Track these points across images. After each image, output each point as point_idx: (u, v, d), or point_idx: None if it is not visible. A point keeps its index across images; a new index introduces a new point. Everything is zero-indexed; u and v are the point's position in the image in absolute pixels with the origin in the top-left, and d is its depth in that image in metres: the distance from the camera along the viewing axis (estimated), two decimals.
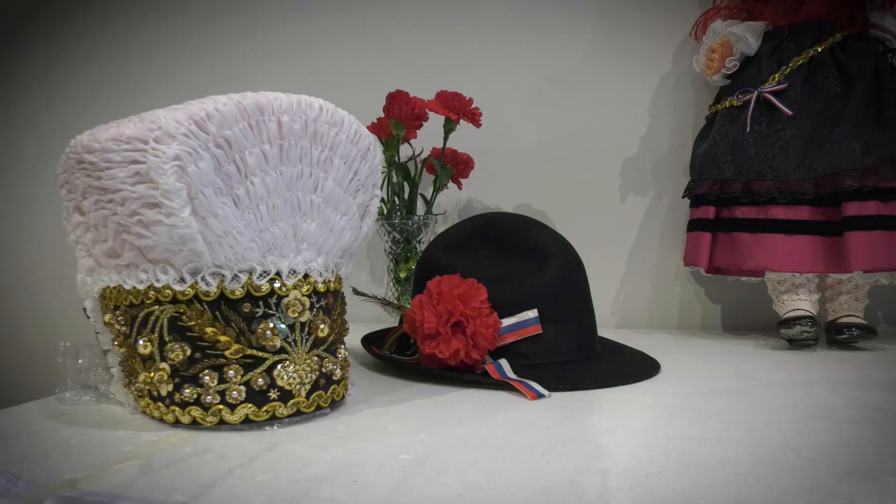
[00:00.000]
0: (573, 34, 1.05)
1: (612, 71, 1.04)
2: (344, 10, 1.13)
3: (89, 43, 1.32)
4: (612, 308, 1.06)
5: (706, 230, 0.86)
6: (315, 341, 0.50)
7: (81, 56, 1.33)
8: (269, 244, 0.47)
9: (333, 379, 0.51)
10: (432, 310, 0.61)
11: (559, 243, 0.70)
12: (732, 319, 1.02)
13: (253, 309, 0.47)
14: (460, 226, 0.74)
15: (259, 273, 0.46)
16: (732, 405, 0.54)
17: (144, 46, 1.26)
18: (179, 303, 0.46)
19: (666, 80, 1.02)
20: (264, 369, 0.47)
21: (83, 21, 1.33)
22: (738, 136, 0.83)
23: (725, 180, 0.83)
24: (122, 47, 1.30)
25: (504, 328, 0.63)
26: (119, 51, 1.30)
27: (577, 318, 0.68)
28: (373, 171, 0.55)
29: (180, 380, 0.47)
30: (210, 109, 0.43)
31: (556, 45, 1.05)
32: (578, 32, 1.04)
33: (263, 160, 0.46)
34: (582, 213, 1.05)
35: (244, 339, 0.47)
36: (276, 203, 0.47)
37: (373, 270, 1.11)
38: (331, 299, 0.52)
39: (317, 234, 0.50)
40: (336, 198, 0.50)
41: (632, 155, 1.04)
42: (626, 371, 0.65)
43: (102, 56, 1.32)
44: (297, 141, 0.47)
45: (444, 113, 0.86)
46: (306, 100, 0.48)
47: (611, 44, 1.03)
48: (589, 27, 1.04)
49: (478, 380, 0.60)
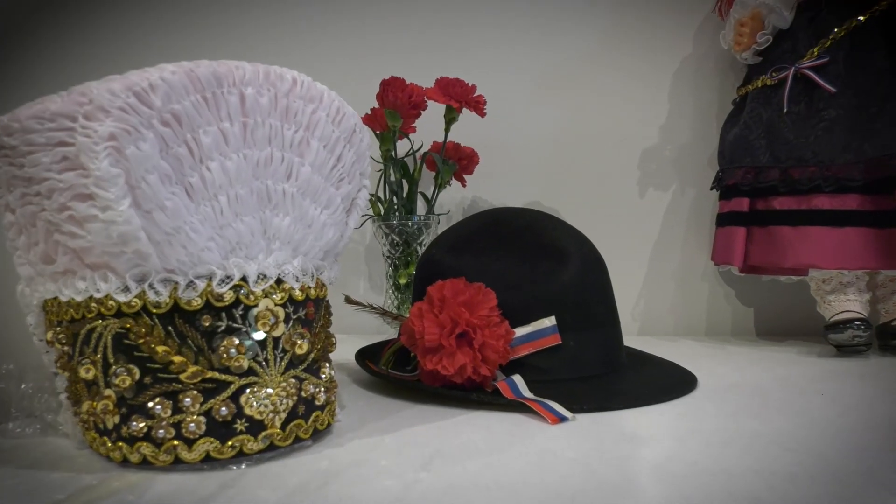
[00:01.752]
0: (585, 14, 0.97)
1: (628, 54, 0.96)
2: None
3: (78, 37, 1.24)
4: (632, 313, 0.97)
5: (740, 224, 0.78)
6: (292, 360, 0.41)
7: (71, 53, 1.26)
8: (231, 243, 0.39)
9: (316, 404, 0.43)
10: (433, 319, 0.53)
11: (577, 240, 0.61)
12: (767, 324, 0.93)
13: (214, 322, 0.39)
14: (465, 223, 0.66)
15: (220, 278, 0.38)
16: (793, 427, 0.45)
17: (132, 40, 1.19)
18: (125, 316, 0.38)
19: (687, 62, 0.94)
20: (228, 395, 0.39)
21: (76, 18, 1.26)
22: (773, 118, 0.74)
23: (760, 168, 0.75)
24: (114, 44, 1.22)
25: (517, 339, 0.55)
26: (112, 47, 1.22)
27: (600, 325, 0.59)
28: (360, 158, 0.47)
29: (127, 410, 0.39)
30: (154, 79, 0.35)
31: (567, 28, 0.97)
32: (590, 12, 0.96)
33: (222, 141, 0.38)
34: (598, 211, 0.96)
35: (203, 360, 0.38)
36: (239, 193, 0.39)
37: (371, 277, 1.03)
38: (311, 309, 0.44)
39: (291, 230, 0.41)
40: (314, 187, 0.42)
41: (651, 145, 0.97)
42: (659, 386, 0.57)
43: (94, 53, 1.25)
44: (265, 118, 0.39)
45: (444, 101, 0.78)
46: (276, 70, 0.40)
47: (626, 24, 0.95)
48: (602, 6, 0.96)
49: (488, 400, 0.51)
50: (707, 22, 0.92)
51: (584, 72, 0.97)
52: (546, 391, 0.52)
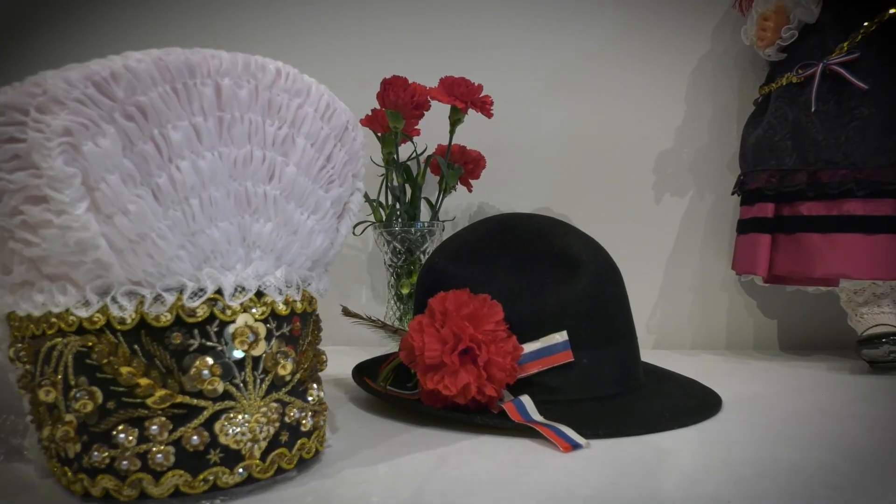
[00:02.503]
0: (596, 11, 0.93)
1: (642, 53, 0.92)
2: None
3: (77, 37, 1.22)
4: (648, 326, 0.92)
5: (764, 231, 0.73)
6: (274, 382, 0.37)
7: (70, 53, 1.24)
8: (205, 252, 0.35)
9: (301, 431, 0.39)
10: (434, 334, 0.49)
11: (591, 248, 0.57)
12: (792, 337, 0.88)
13: (185, 340, 0.34)
14: (470, 230, 0.61)
15: (192, 291, 0.34)
16: (834, 458, 0.41)
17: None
18: (87, 333, 0.34)
19: (704, 61, 0.90)
20: (201, 423, 0.35)
21: (74, 18, 1.24)
22: (800, 117, 0.70)
23: (786, 171, 0.70)
24: (110, 45, 1.20)
25: (525, 356, 0.51)
26: (107, 48, 1.20)
27: (616, 340, 0.55)
28: (352, 158, 0.43)
29: (89, 438, 0.35)
30: (116, 67, 0.31)
31: (577, 25, 0.93)
32: (602, 9, 0.92)
33: (194, 137, 0.34)
34: (611, 217, 0.92)
35: (173, 382, 0.34)
36: (213, 196, 0.34)
37: (374, 286, 0.99)
38: (297, 324, 0.39)
39: (274, 237, 0.37)
40: (300, 190, 0.38)
41: (667, 148, 0.92)
42: (681, 408, 0.52)
43: (91, 54, 1.22)
44: (244, 113, 0.35)
45: (448, 101, 0.73)
46: (257, 60, 0.36)
47: (640, 22, 0.91)
48: (614, 4, 0.92)
49: (494, 424, 0.47)
50: (726, 18, 0.88)
51: (595, 71, 0.93)
52: (557, 413, 0.48)
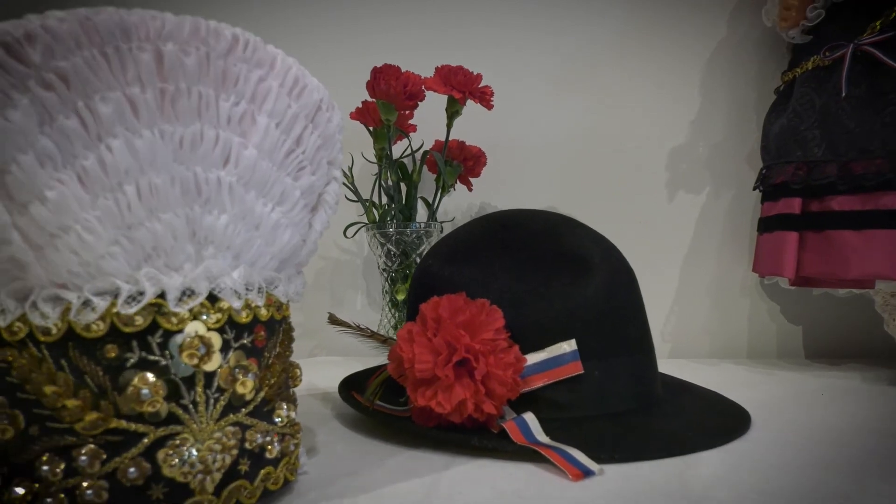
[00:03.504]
0: (604, 0, 0.87)
1: (652, 42, 0.87)
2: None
3: None
4: (662, 333, 0.86)
5: (790, 228, 0.67)
6: (232, 402, 0.32)
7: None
8: (144, 248, 0.29)
9: (266, 458, 0.33)
10: (426, 344, 0.43)
11: (602, 246, 0.51)
12: (818, 344, 0.83)
13: (121, 354, 0.29)
14: (467, 228, 0.56)
15: (128, 295, 0.29)
16: (889, 489, 0.34)
17: None
18: (5, 346, 0.29)
19: (720, 49, 0.85)
20: (141, 451, 0.29)
21: None
22: (828, 104, 0.64)
23: (814, 162, 0.65)
24: None
25: (529, 368, 0.45)
26: None
27: (631, 349, 0.49)
28: (327, 142, 0.37)
29: (10, 470, 0.29)
30: (32, 27, 0.26)
31: (585, 14, 0.88)
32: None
33: (129, 112, 0.28)
34: (621, 218, 0.86)
35: (107, 404, 0.29)
36: (154, 182, 0.29)
37: (370, 292, 0.93)
38: (261, 334, 0.34)
39: (230, 232, 0.32)
40: (262, 176, 0.33)
41: (680, 144, 0.87)
42: (706, 426, 0.46)
43: None
44: (192, 85, 0.30)
45: (445, 91, 0.68)
46: (210, 25, 0.31)
47: (651, 9, 0.86)
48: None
49: (493, 446, 0.41)
50: (743, 2, 0.82)
51: (604, 62, 0.88)
52: (565, 433, 0.42)
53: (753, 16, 0.78)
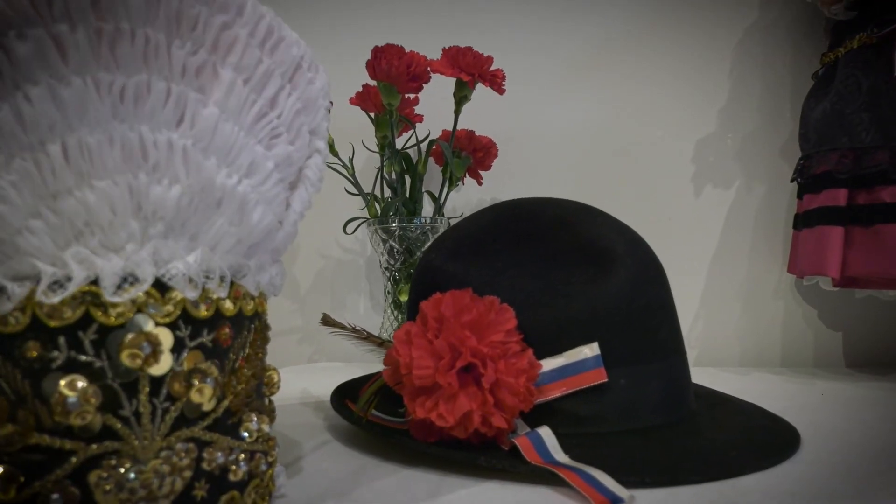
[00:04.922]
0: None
1: (678, 25, 0.83)
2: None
3: None
4: (688, 338, 0.79)
5: (835, 223, 0.62)
6: (185, 413, 0.26)
7: None
8: (74, 223, 0.24)
9: (230, 481, 0.28)
10: (426, 347, 0.38)
11: (627, 237, 0.45)
12: (860, 352, 0.79)
13: (44, 353, 0.24)
14: (474, 219, 0.51)
15: (52, 280, 0.24)
16: None
17: None
18: None
19: (751, 32, 0.80)
20: (67, 473, 0.24)
21: None
22: (877, 84, 0.60)
23: (862, 149, 0.60)
24: None
25: (545, 375, 0.40)
26: None
27: (662, 355, 0.43)
28: (308, 106, 0.32)
29: None
30: None
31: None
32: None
33: (55, 54, 0.23)
34: (643, 214, 0.80)
35: (26, 414, 0.24)
36: (86, 141, 0.24)
37: (373, 294, 0.88)
38: (225, 332, 0.28)
39: (185, 206, 0.26)
40: (225, 141, 0.27)
41: (707, 134, 0.83)
42: (749, 444, 0.41)
43: None
44: (138, 26, 0.25)
45: (452, 74, 0.63)
46: None
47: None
48: None
49: (503, 466, 0.36)
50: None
51: (625, 48, 0.84)
52: (587, 452, 0.36)
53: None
